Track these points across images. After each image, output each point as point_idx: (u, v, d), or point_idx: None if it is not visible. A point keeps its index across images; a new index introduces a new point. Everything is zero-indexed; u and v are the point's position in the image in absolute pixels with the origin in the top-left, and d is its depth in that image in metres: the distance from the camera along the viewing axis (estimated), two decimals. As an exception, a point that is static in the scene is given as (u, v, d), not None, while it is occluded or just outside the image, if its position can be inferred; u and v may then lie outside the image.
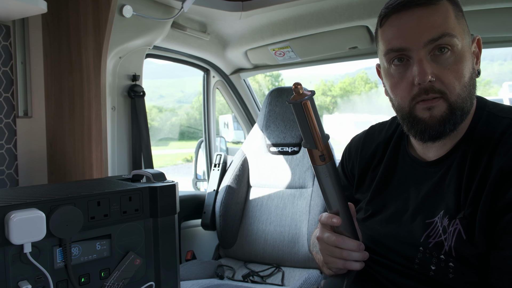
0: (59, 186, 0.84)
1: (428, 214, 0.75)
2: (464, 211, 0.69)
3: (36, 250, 0.66)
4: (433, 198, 0.76)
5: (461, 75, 0.71)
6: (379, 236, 0.81)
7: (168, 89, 17.63)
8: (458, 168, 0.73)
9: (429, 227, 0.74)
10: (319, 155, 0.66)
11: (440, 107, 0.71)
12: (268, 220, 1.79)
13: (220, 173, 2.00)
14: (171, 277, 0.83)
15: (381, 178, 0.87)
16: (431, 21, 0.70)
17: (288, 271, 1.69)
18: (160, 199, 0.81)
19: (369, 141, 0.94)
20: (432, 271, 0.71)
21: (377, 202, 0.85)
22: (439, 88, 0.70)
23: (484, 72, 0.85)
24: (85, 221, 0.72)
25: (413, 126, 0.75)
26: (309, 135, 0.65)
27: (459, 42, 0.71)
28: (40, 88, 1.42)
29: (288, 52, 1.95)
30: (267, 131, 1.91)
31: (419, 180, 0.80)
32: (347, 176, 0.98)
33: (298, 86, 0.63)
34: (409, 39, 0.71)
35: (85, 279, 0.72)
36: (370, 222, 0.85)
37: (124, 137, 1.55)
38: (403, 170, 0.84)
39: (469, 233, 0.68)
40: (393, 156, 0.87)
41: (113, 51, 1.44)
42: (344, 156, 1.00)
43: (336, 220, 0.71)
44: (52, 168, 1.42)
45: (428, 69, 0.69)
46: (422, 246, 0.73)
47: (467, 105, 0.73)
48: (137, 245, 0.79)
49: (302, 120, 0.64)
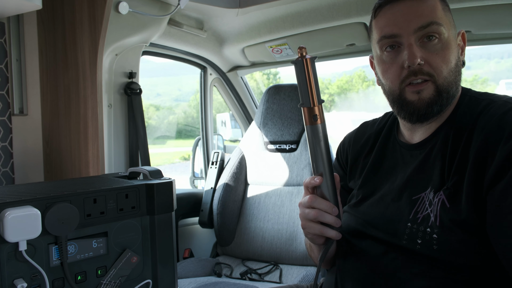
0: (55, 183, 0.84)
1: (414, 191, 0.78)
2: (448, 183, 0.73)
3: (32, 248, 0.65)
4: (418, 177, 0.79)
5: (448, 60, 0.77)
6: (369, 218, 0.84)
7: (165, 87, 17.59)
8: (441, 147, 0.78)
9: (416, 203, 0.77)
10: (313, 115, 0.71)
11: (428, 90, 0.76)
12: (265, 217, 1.79)
13: (218, 171, 1.99)
14: (168, 275, 0.83)
15: (372, 164, 0.91)
16: (420, 10, 0.77)
17: (286, 269, 1.69)
18: (157, 197, 0.81)
19: (362, 134, 1.00)
20: (418, 245, 0.73)
21: (368, 187, 0.89)
22: (427, 70, 0.76)
23: (480, 70, 0.89)
24: (81, 219, 0.71)
25: (403, 108, 0.80)
26: (306, 93, 0.69)
27: (446, 32, 0.77)
28: (35, 85, 1.41)
29: (286, 49, 1.95)
30: (264, 128, 1.91)
31: (406, 162, 0.84)
32: (342, 166, 1.02)
33: (303, 48, 0.69)
34: (400, 26, 0.77)
35: (81, 277, 0.71)
36: (362, 206, 0.88)
37: (121, 135, 1.54)
38: (392, 156, 0.88)
39: (452, 202, 0.71)
40: (384, 144, 0.92)
41: (109, 48, 1.43)
42: (339, 149, 1.05)
43: (317, 179, 0.75)
44: (48, 166, 1.41)
45: (417, 53, 0.75)
46: (410, 222, 0.76)
47: (453, 89, 0.78)
48: (134, 242, 0.79)
49: (302, 78, 0.69)
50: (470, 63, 17.44)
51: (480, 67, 17.86)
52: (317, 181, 0.75)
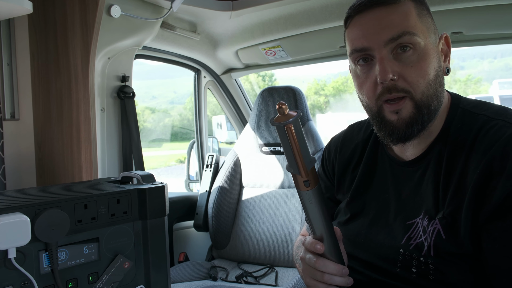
0: (46, 189, 0.83)
1: (409, 215, 0.75)
2: (444, 211, 0.69)
3: (21, 255, 0.64)
4: (413, 199, 0.75)
5: (425, 72, 0.70)
6: (361, 239, 0.80)
7: (161, 90, 17.56)
8: (435, 168, 0.73)
9: (410, 228, 0.73)
10: (304, 181, 0.62)
11: (407, 107, 0.71)
12: (261, 220, 1.78)
13: (212, 173, 1.98)
14: (161, 280, 0.82)
15: (361, 179, 0.86)
16: (390, 20, 0.70)
17: (282, 271, 1.68)
18: (149, 201, 0.80)
19: (348, 141, 0.93)
20: (413, 274, 0.70)
21: (358, 204, 0.84)
22: (402, 86, 0.70)
23: (474, 70, 0.84)
24: (72, 225, 0.70)
25: (381, 127, 0.75)
26: (292, 160, 0.60)
27: (421, 40, 0.70)
28: (27, 89, 1.40)
29: (279, 52, 1.95)
30: (259, 130, 1.90)
31: (399, 180, 0.79)
32: (328, 176, 0.97)
33: (282, 106, 0.57)
34: (370, 39, 0.71)
35: (72, 284, 0.70)
36: (351, 225, 0.84)
37: (114, 139, 1.53)
38: (382, 171, 0.83)
39: (449, 233, 0.68)
40: (372, 156, 0.86)
41: (102, 52, 1.42)
42: (324, 156, 0.99)
43: (319, 246, 0.68)
44: (41, 171, 1.40)
45: (389, 68, 0.69)
46: (403, 248, 0.73)
47: (434, 103, 0.72)
48: (126, 248, 0.78)
49: (285, 144, 0.59)
50: (463, 63, 17.54)
51: (473, 67, 17.98)
52: (319, 248, 0.68)
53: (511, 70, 18.32)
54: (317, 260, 0.69)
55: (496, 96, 9.51)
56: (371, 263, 0.77)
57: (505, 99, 9.09)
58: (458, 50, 1.15)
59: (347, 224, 0.85)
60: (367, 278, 0.78)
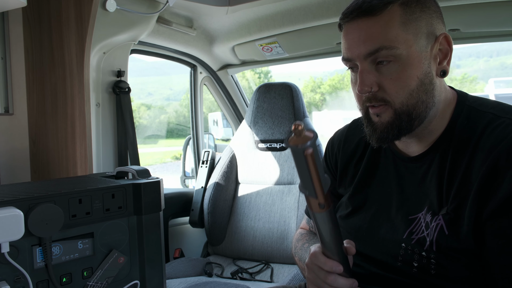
0: (40, 184, 0.82)
1: (411, 210, 0.75)
2: (447, 207, 0.70)
3: (15, 250, 0.64)
4: (416, 194, 0.76)
5: (405, 84, 0.71)
6: (362, 234, 0.81)
7: (157, 87, 17.48)
8: (439, 164, 0.73)
9: (412, 223, 0.74)
10: (318, 203, 0.60)
11: (387, 113, 0.73)
12: (256, 216, 1.78)
13: (208, 170, 1.98)
14: (156, 275, 0.82)
15: (363, 173, 0.87)
16: (369, 34, 0.70)
17: (277, 268, 1.68)
18: (144, 196, 0.80)
19: (351, 135, 0.94)
20: (415, 268, 0.71)
21: (360, 198, 0.85)
22: (381, 96, 0.72)
23: (470, 69, 0.84)
24: (66, 219, 0.70)
25: (366, 126, 0.77)
26: (309, 184, 0.57)
27: (403, 51, 0.69)
28: (21, 84, 1.39)
29: (276, 48, 1.94)
30: (255, 127, 1.90)
31: (402, 175, 0.80)
32: (330, 169, 0.98)
33: (299, 127, 0.53)
34: (353, 51, 0.73)
35: (66, 279, 0.70)
36: (353, 219, 0.84)
37: (109, 134, 1.52)
38: (385, 165, 0.84)
39: (452, 229, 0.68)
40: (376, 152, 0.87)
41: (97, 46, 1.41)
42: (327, 150, 1.00)
43: (338, 269, 0.68)
44: (35, 166, 1.39)
45: (367, 81, 0.71)
46: (405, 243, 0.73)
47: (418, 110, 0.72)
48: (121, 243, 0.78)
49: (302, 168, 0.55)
50: (459, 61, 17.60)
51: (469, 66, 18.04)
52: (339, 270, 0.68)
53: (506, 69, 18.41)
54: (330, 277, 0.68)
55: (492, 95, 9.55)
56: (372, 257, 0.78)
57: (501, 97, 9.13)
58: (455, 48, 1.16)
59: (348, 217, 0.85)
60: (366, 271, 0.78)
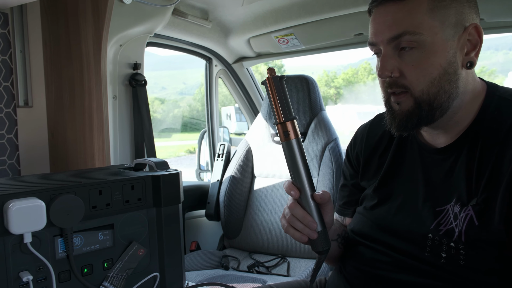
0: (60, 175, 0.82)
1: (438, 202, 0.74)
2: (477, 197, 0.69)
3: (37, 240, 0.64)
4: (443, 186, 0.75)
5: (427, 72, 0.70)
6: (388, 224, 0.81)
7: (170, 81, 17.57)
8: (468, 155, 0.72)
9: (440, 215, 0.73)
10: (284, 131, 0.71)
11: (407, 102, 0.73)
12: (272, 210, 1.77)
13: (224, 163, 1.97)
14: (175, 268, 0.81)
15: (389, 165, 0.86)
16: (395, 18, 0.71)
17: (294, 262, 1.67)
18: (164, 188, 0.79)
19: (375, 129, 0.94)
20: (443, 259, 0.70)
21: (385, 190, 0.85)
22: (402, 83, 0.72)
23: (488, 62, 0.83)
24: (87, 211, 0.69)
25: (387, 114, 0.77)
26: (274, 110, 0.71)
27: (427, 38, 0.69)
28: (40, 77, 1.40)
29: (292, 40, 1.92)
30: (271, 120, 1.88)
31: (428, 167, 0.79)
32: (352, 164, 0.97)
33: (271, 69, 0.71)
34: (378, 36, 0.74)
35: (87, 269, 0.70)
36: (378, 210, 0.84)
37: (126, 127, 1.53)
38: (411, 157, 0.83)
39: (482, 220, 0.67)
40: (401, 143, 0.86)
41: (113, 39, 1.41)
42: (350, 145, 1.00)
43: (294, 192, 0.72)
44: (54, 158, 1.40)
45: (388, 66, 0.72)
46: (432, 234, 0.73)
47: (439, 99, 0.71)
48: (140, 235, 0.77)
49: (269, 96, 0.71)
50: (477, 54, 17.17)
51: (487, 59, 17.62)
52: (294, 194, 0.72)
53: (526, 61, 17.91)
54: (291, 203, 0.74)
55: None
56: (398, 247, 0.77)
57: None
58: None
59: (374, 209, 0.85)
60: (393, 259, 0.78)
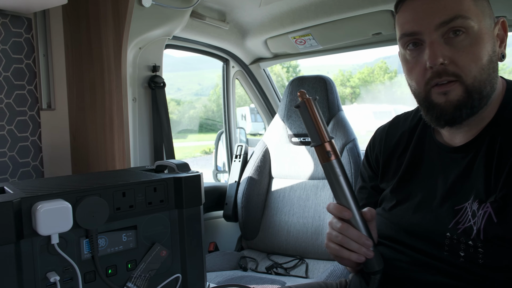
0: (84, 176, 0.84)
1: (457, 201, 0.73)
2: (496, 194, 0.67)
3: (63, 241, 0.65)
4: (461, 185, 0.74)
5: (478, 57, 0.69)
6: (406, 224, 0.80)
7: (185, 82, 17.72)
8: (487, 152, 0.71)
9: (458, 214, 0.72)
10: (326, 151, 0.70)
11: (456, 91, 0.70)
12: (290, 211, 1.76)
13: (241, 164, 1.98)
14: (197, 269, 0.82)
15: (407, 166, 0.85)
16: (443, 4, 0.69)
17: (312, 263, 1.66)
18: (185, 190, 0.80)
19: (394, 130, 0.93)
20: (461, 258, 0.69)
21: (404, 190, 0.84)
22: (453, 71, 0.69)
23: (508, 59, 0.82)
24: (111, 212, 0.70)
25: (429, 111, 0.74)
26: (314, 132, 0.70)
27: (475, 24, 0.69)
28: (62, 80, 1.43)
29: (309, 40, 1.91)
30: (288, 121, 1.88)
31: (446, 166, 0.78)
32: (371, 166, 0.97)
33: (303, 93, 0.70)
34: (421, 23, 0.71)
35: (112, 270, 0.71)
36: (397, 211, 0.83)
37: (146, 129, 1.55)
38: (429, 158, 0.82)
39: (501, 216, 0.66)
40: (419, 144, 0.85)
41: (133, 42, 1.43)
42: (369, 147, 0.99)
43: (347, 213, 0.70)
44: (76, 159, 1.43)
45: (439, 52, 0.69)
46: (450, 232, 0.72)
47: (486, 89, 0.70)
48: (163, 236, 0.78)
49: (307, 118, 0.70)
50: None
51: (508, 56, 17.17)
52: (347, 215, 0.70)
53: (549, 58, 17.40)
54: (342, 225, 0.71)
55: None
56: (416, 247, 0.77)
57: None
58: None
59: (392, 210, 0.84)
60: (411, 258, 0.77)
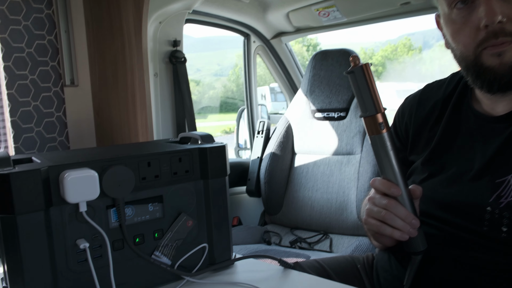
0: (109, 148, 0.83)
1: (498, 173, 0.68)
2: None
3: (91, 210, 0.65)
4: (503, 156, 0.68)
5: None
6: (440, 198, 0.75)
7: (205, 63, 17.69)
8: None
9: (500, 187, 0.67)
10: (379, 123, 0.64)
11: None
12: (314, 187, 1.75)
13: (264, 140, 1.96)
14: (223, 239, 0.81)
15: (441, 137, 0.80)
16: None
17: (336, 238, 1.65)
18: (211, 161, 0.78)
19: (425, 99, 0.87)
20: (504, 233, 0.65)
21: (437, 163, 0.79)
22: (510, 29, 0.62)
23: None
24: (137, 182, 0.70)
25: (480, 76, 0.68)
26: (370, 101, 0.64)
27: None
28: (84, 56, 1.43)
29: (333, 12, 1.84)
30: (311, 96, 1.83)
31: (486, 137, 0.73)
32: (400, 138, 0.91)
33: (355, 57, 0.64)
34: None
35: (139, 239, 0.71)
36: (429, 183, 0.78)
37: (167, 103, 1.54)
38: (466, 128, 0.77)
39: None
40: (455, 114, 0.79)
41: (153, 16, 1.41)
42: (397, 117, 0.93)
43: (395, 190, 0.65)
44: (100, 134, 1.44)
45: (497, 8, 0.62)
46: (491, 207, 0.67)
47: None
48: (189, 206, 0.77)
49: (362, 85, 0.64)
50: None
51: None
52: (395, 192, 0.65)
53: None
54: (389, 201, 0.66)
55: None
56: (451, 221, 0.72)
57: None
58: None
59: (423, 183, 0.79)
60: (447, 233, 0.73)
